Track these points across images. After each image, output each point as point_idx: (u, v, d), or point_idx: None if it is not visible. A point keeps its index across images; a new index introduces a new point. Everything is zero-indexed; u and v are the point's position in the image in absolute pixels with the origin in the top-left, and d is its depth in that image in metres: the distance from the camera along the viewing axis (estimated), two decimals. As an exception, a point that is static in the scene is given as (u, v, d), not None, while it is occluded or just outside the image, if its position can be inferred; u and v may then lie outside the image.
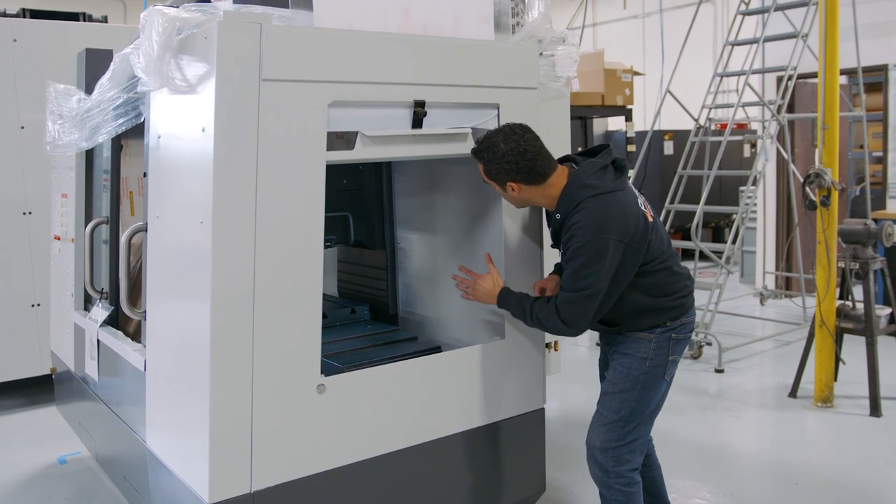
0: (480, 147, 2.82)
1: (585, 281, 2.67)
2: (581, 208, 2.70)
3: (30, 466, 4.45)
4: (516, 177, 2.77)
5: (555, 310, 2.73)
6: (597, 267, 2.65)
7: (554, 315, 2.73)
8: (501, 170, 2.77)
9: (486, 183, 2.89)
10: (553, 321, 2.74)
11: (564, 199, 2.77)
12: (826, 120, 4.93)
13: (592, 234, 2.65)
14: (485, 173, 2.84)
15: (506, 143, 2.76)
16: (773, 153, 7.99)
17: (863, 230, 5.01)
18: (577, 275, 2.68)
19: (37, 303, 5.30)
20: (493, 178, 2.82)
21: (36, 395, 5.48)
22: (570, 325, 2.73)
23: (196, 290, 2.54)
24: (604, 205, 2.70)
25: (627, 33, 14.01)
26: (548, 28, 3.60)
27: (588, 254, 2.65)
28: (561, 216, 2.78)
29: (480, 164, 2.84)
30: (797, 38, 6.65)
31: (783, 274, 8.34)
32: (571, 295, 2.70)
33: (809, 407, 5.13)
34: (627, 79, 7.71)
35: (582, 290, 2.68)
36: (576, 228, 2.69)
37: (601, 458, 2.88)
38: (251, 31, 2.46)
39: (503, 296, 2.92)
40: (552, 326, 2.77)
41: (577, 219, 2.70)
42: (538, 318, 2.78)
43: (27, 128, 5.24)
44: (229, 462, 2.51)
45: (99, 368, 3.64)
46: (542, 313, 2.77)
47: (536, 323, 2.81)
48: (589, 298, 2.68)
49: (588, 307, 2.70)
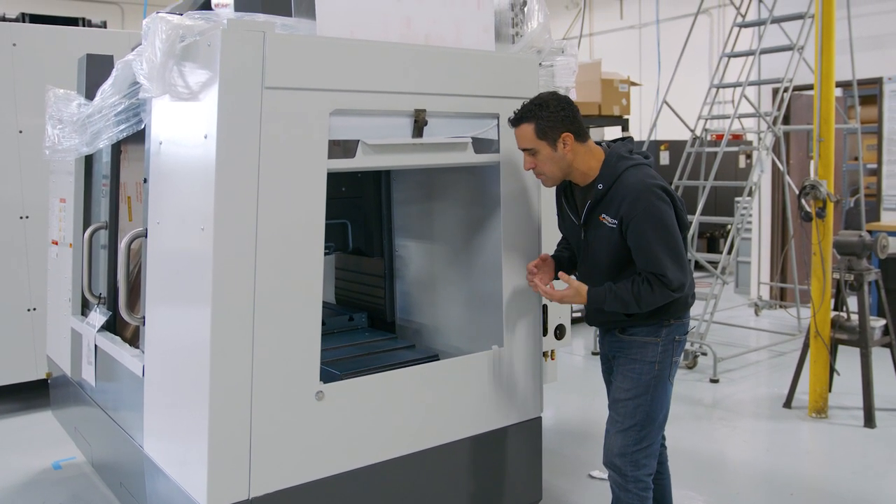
0: (526, 109, 2.84)
1: (669, 242, 2.75)
2: (626, 177, 2.81)
3: (24, 471, 4.44)
4: (571, 126, 2.84)
5: (659, 283, 2.76)
6: (668, 223, 2.75)
7: (660, 287, 2.76)
8: (558, 119, 2.81)
9: (528, 150, 2.85)
10: (662, 293, 2.77)
11: (607, 170, 2.85)
12: (822, 132, 4.96)
13: (647, 198, 2.75)
14: (536, 133, 2.82)
15: (553, 97, 2.85)
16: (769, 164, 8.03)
17: (857, 242, 5.04)
18: (660, 239, 2.74)
19: (33, 307, 5.30)
20: (545, 135, 2.82)
21: (31, 400, 5.46)
22: (680, 288, 2.79)
23: (196, 297, 2.55)
24: (645, 172, 2.84)
25: (624, 43, 14.06)
26: (547, 38, 3.63)
27: (655, 217, 2.74)
28: (604, 186, 2.84)
29: (529, 124, 2.82)
30: (793, 50, 6.69)
31: (778, 285, 8.38)
32: (666, 261, 2.74)
33: (804, 417, 5.15)
34: (624, 89, 7.74)
35: (673, 251, 2.75)
36: (631, 199, 2.76)
37: (619, 462, 2.92)
38: (254, 40, 2.47)
39: (592, 298, 2.87)
40: (661, 298, 2.79)
41: (626, 187, 2.78)
42: (648, 302, 2.79)
43: (25, 132, 5.25)
44: (228, 468, 2.51)
45: (96, 373, 3.63)
46: (649, 297, 2.77)
47: (645, 306, 2.81)
48: (680, 256, 2.78)
49: (683, 263, 2.79)
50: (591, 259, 2.96)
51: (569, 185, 3.01)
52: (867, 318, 5.02)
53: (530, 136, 2.84)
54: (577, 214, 2.98)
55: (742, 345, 7.00)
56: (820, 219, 4.95)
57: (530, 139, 2.84)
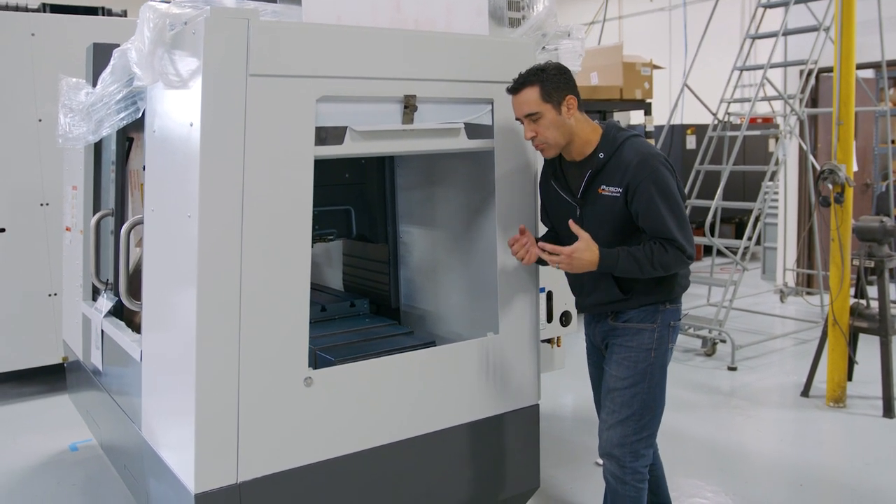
0: (527, 73, 2.81)
1: (677, 207, 2.75)
2: (626, 146, 2.81)
3: (42, 452, 4.55)
4: (573, 90, 2.83)
5: (673, 247, 2.73)
6: (673, 190, 2.76)
7: (674, 251, 2.74)
8: (562, 82, 2.80)
9: (532, 115, 2.79)
10: (677, 258, 2.75)
11: (607, 140, 2.85)
12: (841, 115, 4.83)
13: (653, 164, 2.75)
14: (541, 95, 2.77)
15: (549, 63, 2.86)
16: (795, 148, 7.86)
17: (878, 228, 4.91)
18: (667, 205, 2.73)
19: (53, 292, 5.41)
20: (550, 97, 2.78)
21: (53, 383, 5.59)
22: (692, 254, 2.79)
23: (184, 282, 2.57)
24: (644, 142, 2.86)
25: (654, 26, 13.84)
26: (553, 22, 3.58)
27: (661, 182, 2.74)
28: (605, 155, 2.83)
29: (532, 87, 2.78)
30: (819, 30, 6.52)
31: (804, 271, 8.22)
32: (675, 226, 2.72)
33: (821, 407, 5.05)
34: (647, 72, 7.61)
35: (680, 218, 2.75)
36: (636, 165, 2.75)
37: (619, 453, 2.88)
38: (238, 27, 2.47)
39: (605, 257, 2.78)
40: (676, 263, 2.77)
41: (629, 156, 2.78)
42: (661, 263, 2.74)
43: (44, 121, 5.34)
44: (215, 452, 2.54)
45: (103, 358, 3.70)
46: (664, 258, 2.73)
47: (659, 268, 2.75)
48: (686, 224, 2.78)
49: (689, 231, 2.80)
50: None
51: (559, 168, 2.97)
52: (888, 305, 4.90)
53: (535, 100, 2.78)
54: (572, 192, 2.93)
55: (764, 332, 6.89)
56: (838, 204, 4.83)
57: (535, 102, 2.78)
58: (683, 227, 2.76)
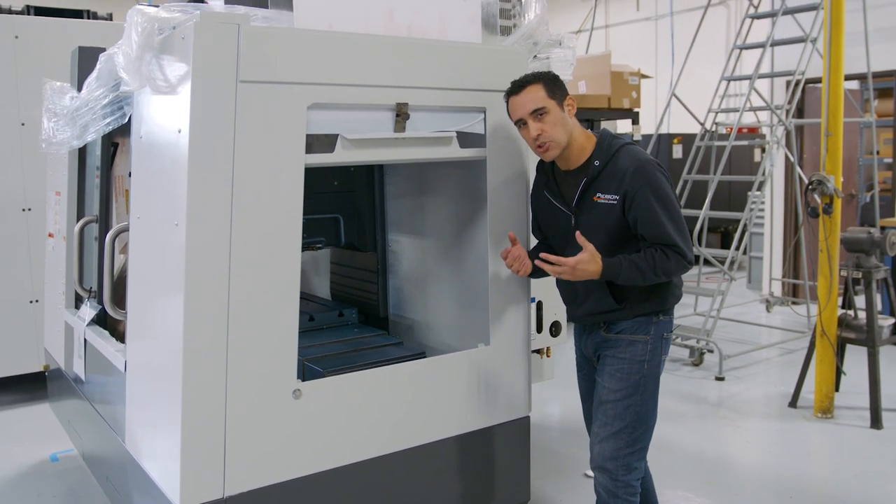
0: (527, 75, 2.83)
1: (676, 213, 2.77)
2: (621, 154, 2.81)
3: (22, 463, 4.46)
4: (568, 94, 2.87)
5: (674, 252, 2.74)
6: (671, 196, 2.77)
7: (675, 257, 2.75)
8: (561, 84, 2.84)
9: (537, 111, 2.76)
10: (678, 263, 2.76)
11: (602, 147, 2.85)
12: (830, 126, 4.84)
13: (650, 170, 2.75)
14: (546, 91, 2.78)
15: (543, 70, 2.91)
16: (782, 158, 7.90)
17: (866, 238, 4.93)
18: (666, 211, 2.73)
19: (35, 299, 5.32)
20: (554, 93, 2.80)
21: (34, 392, 5.49)
22: (692, 259, 2.80)
23: (171, 291, 2.52)
24: (639, 150, 2.86)
25: (640, 35, 13.89)
26: (544, 30, 3.56)
27: (660, 189, 2.74)
28: (600, 163, 2.82)
29: (537, 84, 2.79)
30: (806, 42, 6.56)
31: (790, 281, 8.25)
32: (674, 231, 2.73)
33: (809, 417, 5.05)
34: (634, 81, 7.62)
35: (679, 224, 2.76)
36: (633, 172, 2.74)
37: (611, 466, 2.84)
38: (228, 32, 2.43)
39: (608, 267, 2.76)
40: (678, 269, 2.78)
41: (624, 163, 2.78)
42: (664, 270, 2.75)
43: (27, 125, 5.26)
44: (201, 466, 2.49)
45: (86, 367, 3.63)
46: (666, 264, 2.74)
47: (662, 275, 2.76)
48: (685, 229, 2.80)
49: (688, 236, 2.81)
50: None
51: (552, 177, 2.95)
52: (875, 316, 4.90)
53: (542, 96, 2.78)
54: (566, 202, 2.91)
55: (751, 342, 6.89)
56: (827, 215, 4.84)
57: (542, 98, 2.77)
58: (683, 233, 2.77)
